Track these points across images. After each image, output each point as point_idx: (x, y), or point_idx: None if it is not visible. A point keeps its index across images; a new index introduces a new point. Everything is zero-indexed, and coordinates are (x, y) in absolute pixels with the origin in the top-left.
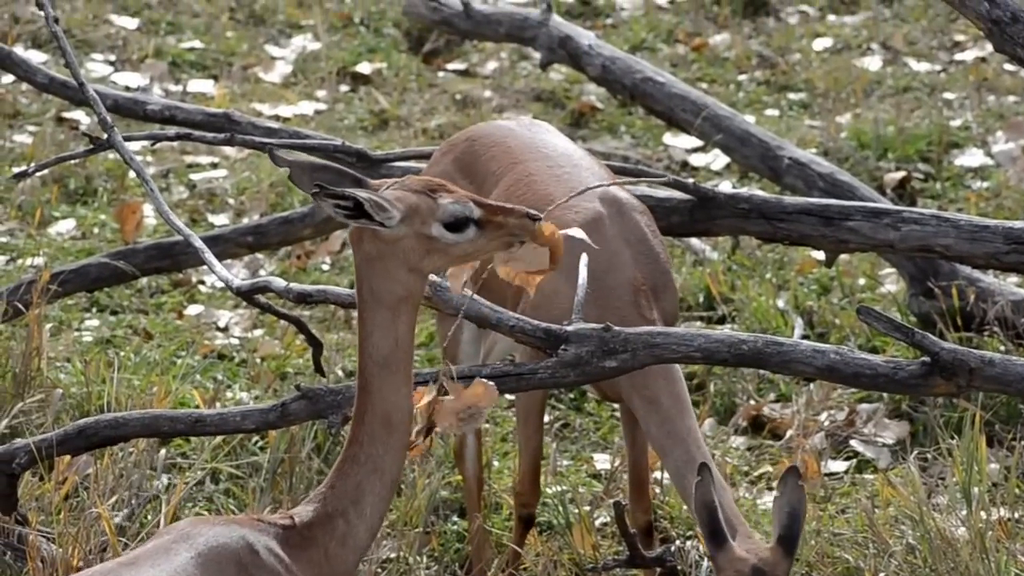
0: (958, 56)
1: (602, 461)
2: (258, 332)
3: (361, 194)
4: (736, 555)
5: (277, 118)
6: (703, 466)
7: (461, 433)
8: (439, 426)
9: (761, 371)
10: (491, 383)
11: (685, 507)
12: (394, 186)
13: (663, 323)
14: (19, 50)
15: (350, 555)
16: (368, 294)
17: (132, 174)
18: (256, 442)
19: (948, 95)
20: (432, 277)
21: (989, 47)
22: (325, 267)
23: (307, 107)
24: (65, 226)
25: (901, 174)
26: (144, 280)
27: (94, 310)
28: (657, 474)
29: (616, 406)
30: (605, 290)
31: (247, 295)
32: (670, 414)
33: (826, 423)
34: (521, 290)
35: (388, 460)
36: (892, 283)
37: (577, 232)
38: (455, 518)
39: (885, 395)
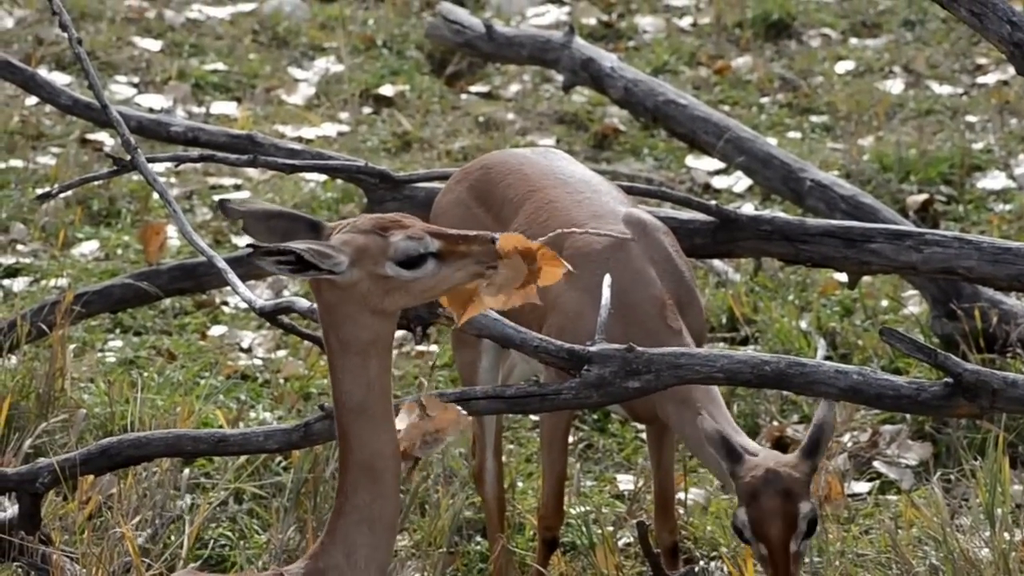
0: (980, 79)
1: (625, 482)
2: (281, 352)
3: (298, 246)
4: (752, 463)
5: (300, 140)
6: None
7: (419, 456)
8: (401, 444)
9: (784, 392)
10: (463, 412)
11: (710, 527)
12: (344, 228)
13: (690, 337)
14: (43, 72)
15: None
16: (335, 342)
17: (156, 195)
18: (279, 462)
19: (970, 118)
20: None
21: (1011, 70)
22: None
23: (330, 129)
24: (89, 247)
25: (923, 197)
26: (168, 301)
27: (118, 331)
28: (681, 495)
29: (640, 427)
30: (631, 306)
31: (270, 316)
32: (708, 411)
33: (849, 444)
34: (543, 317)
35: (377, 508)
36: (915, 305)
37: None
38: (478, 538)
39: (908, 416)
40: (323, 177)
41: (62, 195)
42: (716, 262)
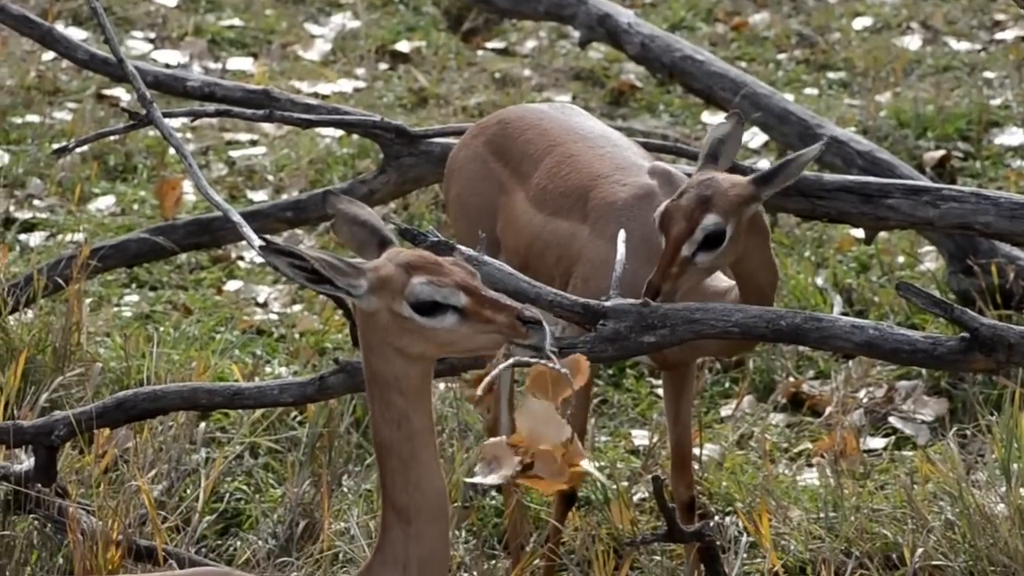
0: (998, 35)
1: (640, 437)
2: (297, 307)
3: (311, 254)
4: (707, 170)
5: (316, 96)
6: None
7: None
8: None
9: (800, 348)
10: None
11: (725, 483)
12: (395, 255)
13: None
14: (60, 27)
15: None
16: (366, 369)
17: (172, 151)
18: (295, 416)
19: (988, 74)
20: (467, 251)
21: None
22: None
23: (346, 85)
24: (105, 202)
25: (940, 153)
26: (183, 256)
27: (134, 285)
28: (696, 450)
29: (655, 382)
30: (657, 249)
31: None
32: None
33: (865, 400)
34: (569, 269)
35: (412, 550)
36: (931, 261)
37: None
38: (493, 493)
39: (924, 372)
40: (339, 132)
41: (78, 150)
42: None
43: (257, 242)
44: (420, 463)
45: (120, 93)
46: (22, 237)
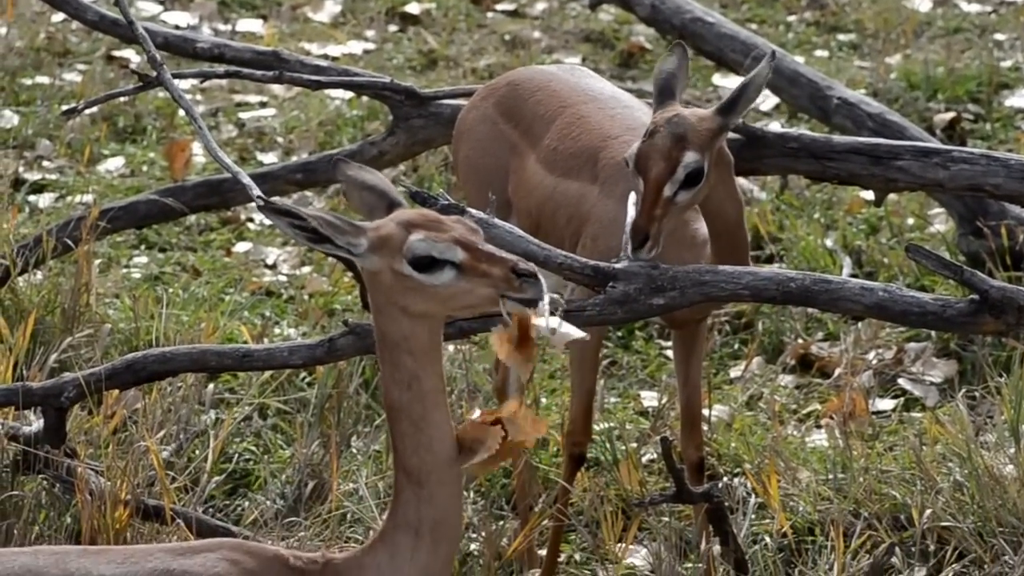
0: None
1: (649, 398)
2: (306, 269)
3: (308, 212)
4: (670, 105)
5: (326, 57)
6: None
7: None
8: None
9: (809, 310)
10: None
11: (734, 444)
12: (398, 215)
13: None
14: None
15: None
16: (376, 331)
17: (181, 112)
18: (304, 378)
19: (999, 36)
20: (477, 213)
21: None
22: None
23: (356, 47)
24: (114, 164)
25: (951, 115)
26: (192, 217)
27: (143, 247)
28: (705, 411)
29: (665, 344)
30: None
31: None
32: None
33: (874, 361)
34: (579, 229)
35: (424, 514)
36: (941, 223)
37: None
38: None
39: (933, 334)
40: (349, 94)
41: (88, 111)
42: (742, 180)
43: (257, 196)
44: (431, 425)
45: (130, 55)
46: (31, 198)
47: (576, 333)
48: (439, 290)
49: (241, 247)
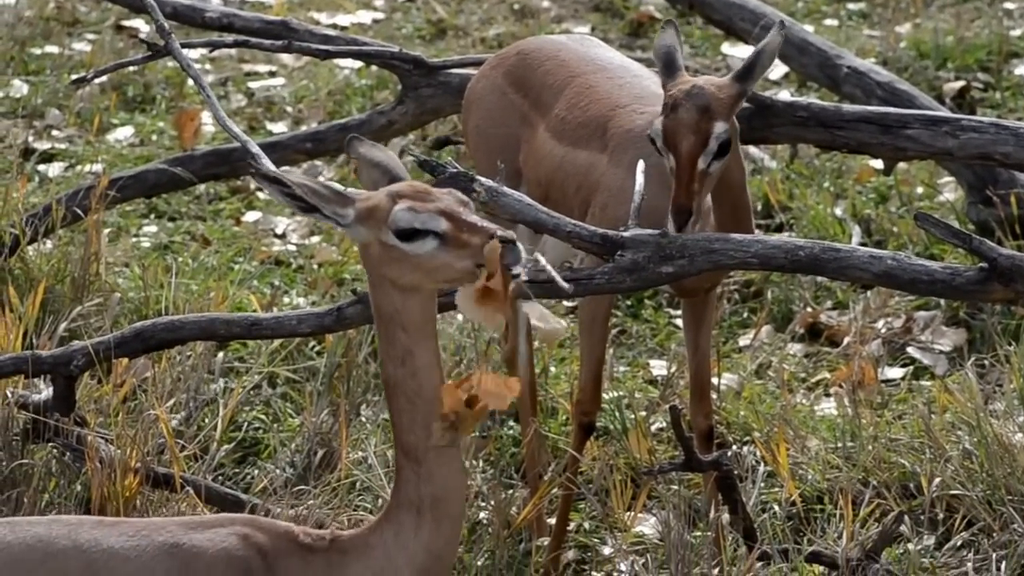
0: None
1: (658, 367)
2: (315, 239)
3: (293, 179)
4: (684, 78)
5: (335, 27)
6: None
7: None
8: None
9: (818, 278)
10: (515, 386)
11: (743, 412)
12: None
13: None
14: None
15: None
16: (372, 305)
17: (190, 82)
18: (313, 347)
19: (1008, 5)
20: (487, 182)
21: None
22: None
23: (365, 16)
24: (123, 133)
25: (960, 83)
26: (202, 187)
27: (152, 216)
28: (714, 380)
29: (674, 312)
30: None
31: None
32: None
33: (883, 330)
34: (587, 199)
35: (424, 491)
36: (951, 191)
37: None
38: (511, 423)
39: (942, 302)
40: (358, 64)
41: (97, 81)
42: (752, 149)
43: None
44: (426, 401)
45: (139, 24)
46: (41, 167)
47: (557, 325)
48: (423, 260)
49: (250, 216)
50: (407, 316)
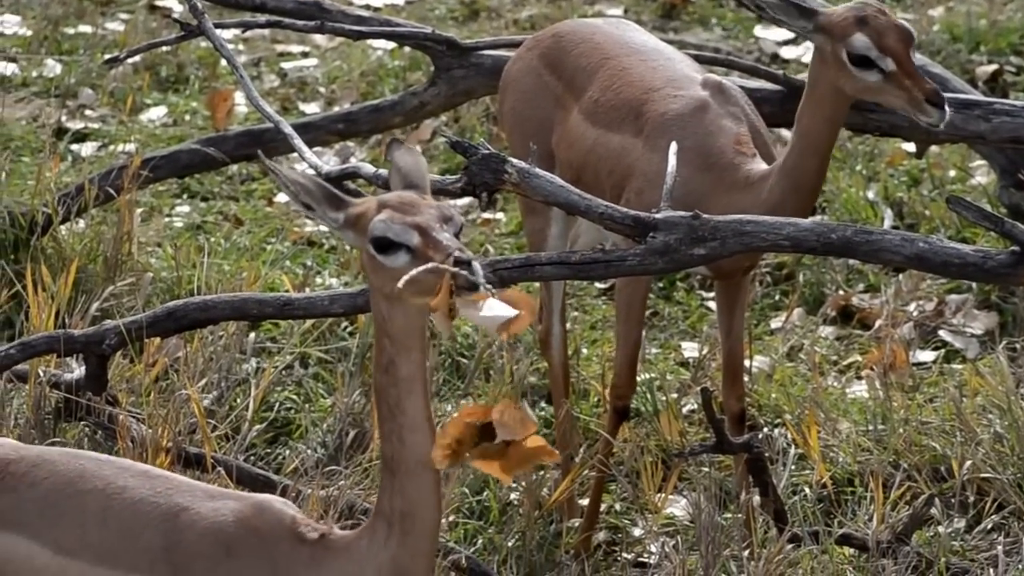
0: None
1: (690, 349)
2: None
3: (294, 177)
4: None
5: (368, 8)
6: None
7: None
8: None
9: (850, 261)
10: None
11: (774, 395)
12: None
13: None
14: None
15: None
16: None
17: (223, 62)
18: (345, 327)
19: None
20: (519, 163)
21: None
22: None
23: None
24: (156, 113)
25: (993, 67)
26: (234, 167)
27: (185, 196)
28: (746, 362)
29: (707, 295)
30: (710, 154)
31: (336, 181)
32: None
33: (915, 313)
34: (621, 183)
35: (393, 504)
36: (983, 175)
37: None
38: (543, 404)
39: (974, 285)
40: (391, 45)
41: (130, 61)
42: (785, 132)
43: (308, 154)
44: (404, 413)
45: (172, 4)
46: (74, 147)
47: (505, 313)
48: (397, 273)
49: (283, 197)
50: (392, 325)
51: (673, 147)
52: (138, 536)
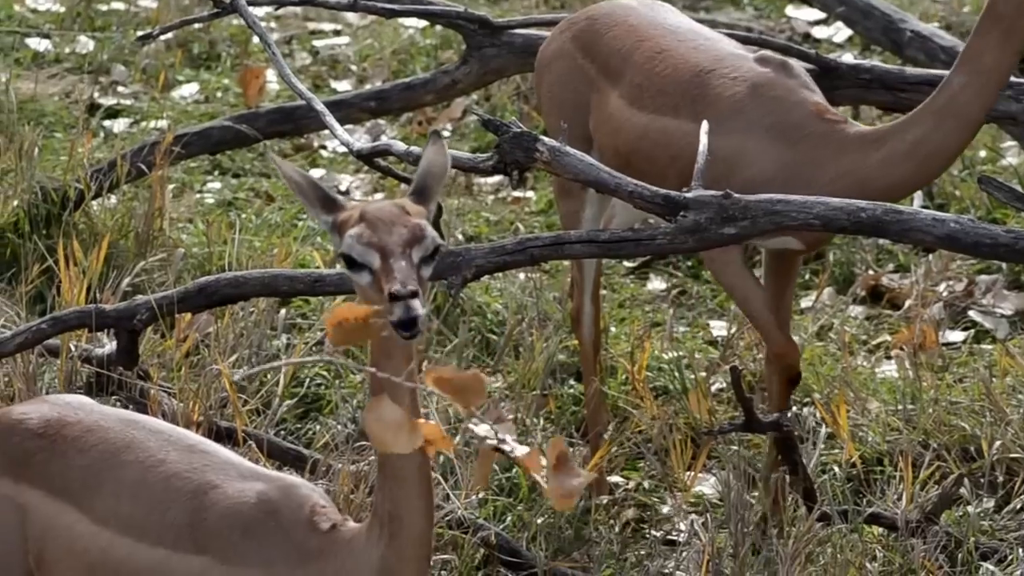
0: None
1: (718, 328)
2: (378, 196)
3: (290, 170)
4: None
5: None
6: None
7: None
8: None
9: (880, 241)
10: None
11: (804, 374)
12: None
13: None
14: None
15: None
16: None
17: (255, 40)
18: None
19: None
20: (550, 142)
21: None
22: (446, 133)
23: None
24: (188, 90)
25: None
26: (267, 143)
27: (216, 172)
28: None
29: None
30: (798, 127)
31: (368, 158)
32: None
33: (945, 293)
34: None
35: (386, 507)
36: (1013, 156)
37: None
38: (572, 381)
39: (1004, 266)
40: (422, 23)
41: (163, 37)
42: None
43: (340, 131)
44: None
45: None
46: (106, 123)
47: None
48: (362, 290)
49: (314, 173)
50: (377, 340)
51: (704, 126)
52: (165, 511)
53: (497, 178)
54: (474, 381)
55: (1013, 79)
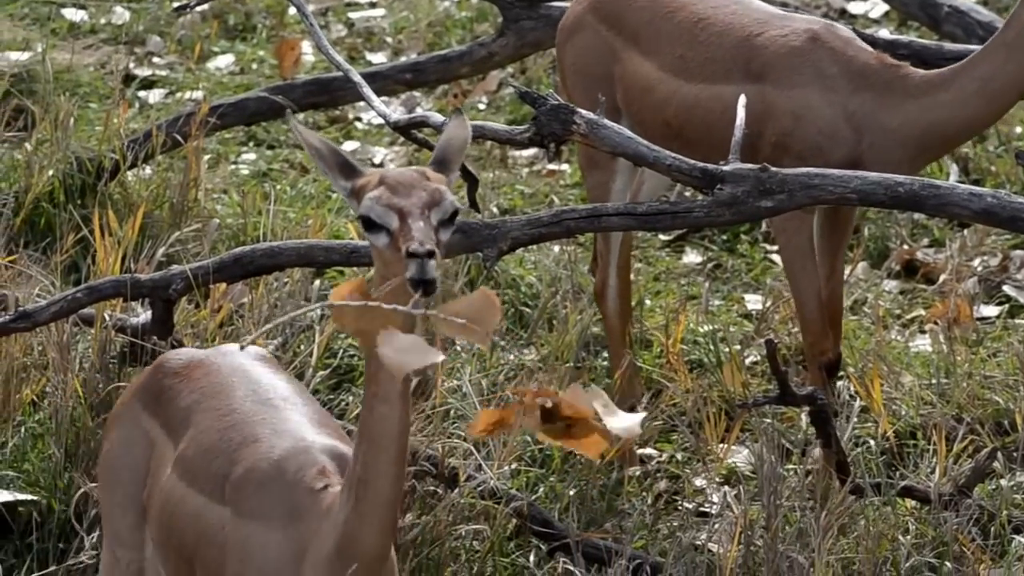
0: None
1: (753, 302)
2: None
3: (308, 137)
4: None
5: None
6: None
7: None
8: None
9: (915, 216)
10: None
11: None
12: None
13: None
14: None
15: (322, 542)
16: None
17: (291, 11)
18: None
19: None
20: (587, 114)
21: None
22: (482, 106)
23: None
24: (224, 61)
25: None
26: (301, 116)
27: (251, 143)
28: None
29: (770, 247)
30: (863, 74)
31: (404, 130)
32: None
33: (979, 268)
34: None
35: (356, 469)
36: None
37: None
38: (605, 354)
39: None
40: None
41: (198, 8)
42: None
43: (377, 102)
44: (377, 383)
45: None
46: (141, 94)
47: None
48: (380, 252)
49: (349, 146)
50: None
51: (742, 99)
52: (212, 460)
53: (532, 151)
54: (482, 299)
55: None
